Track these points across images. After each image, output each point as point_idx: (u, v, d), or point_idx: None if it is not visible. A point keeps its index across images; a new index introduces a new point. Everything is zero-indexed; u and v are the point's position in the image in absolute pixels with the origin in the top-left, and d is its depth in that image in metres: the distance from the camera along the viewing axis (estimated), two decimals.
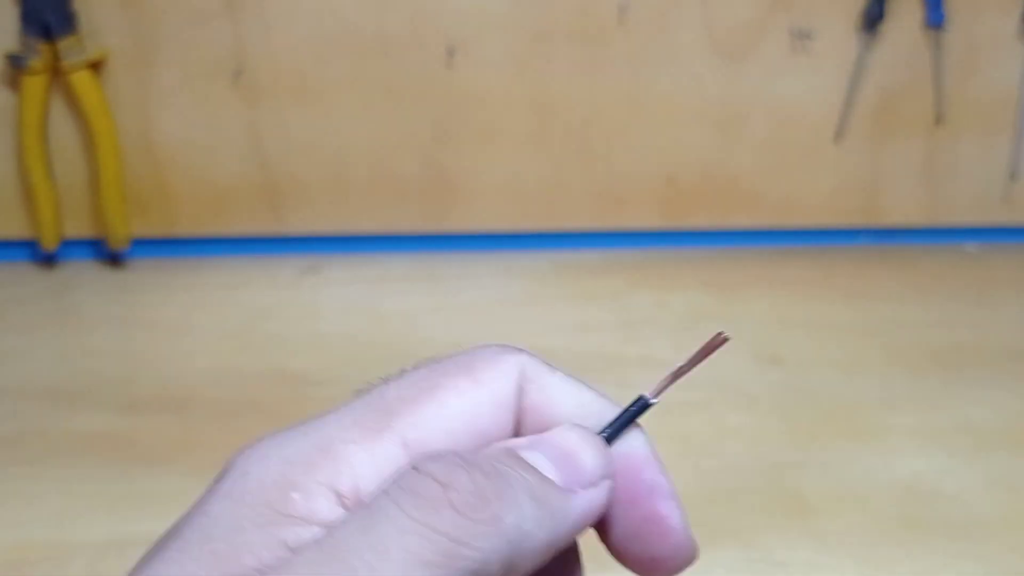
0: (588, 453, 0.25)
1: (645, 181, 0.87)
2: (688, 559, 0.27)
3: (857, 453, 0.64)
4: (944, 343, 0.76)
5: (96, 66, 0.79)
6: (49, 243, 0.82)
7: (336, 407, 0.25)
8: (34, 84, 0.78)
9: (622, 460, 0.27)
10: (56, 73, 0.79)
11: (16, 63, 0.78)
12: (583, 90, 0.84)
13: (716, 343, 0.27)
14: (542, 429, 0.26)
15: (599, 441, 0.26)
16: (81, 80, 0.78)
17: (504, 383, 0.26)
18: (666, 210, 0.88)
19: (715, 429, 0.66)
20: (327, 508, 0.23)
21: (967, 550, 0.56)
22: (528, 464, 0.24)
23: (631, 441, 0.27)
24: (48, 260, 0.85)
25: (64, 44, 0.77)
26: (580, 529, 0.25)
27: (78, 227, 0.84)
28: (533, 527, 0.23)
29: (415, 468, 0.23)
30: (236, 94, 0.82)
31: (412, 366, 0.27)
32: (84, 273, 0.85)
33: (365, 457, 0.24)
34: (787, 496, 0.60)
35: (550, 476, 0.25)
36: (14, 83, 0.80)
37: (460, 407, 0.26)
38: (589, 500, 0.25)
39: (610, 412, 0.27)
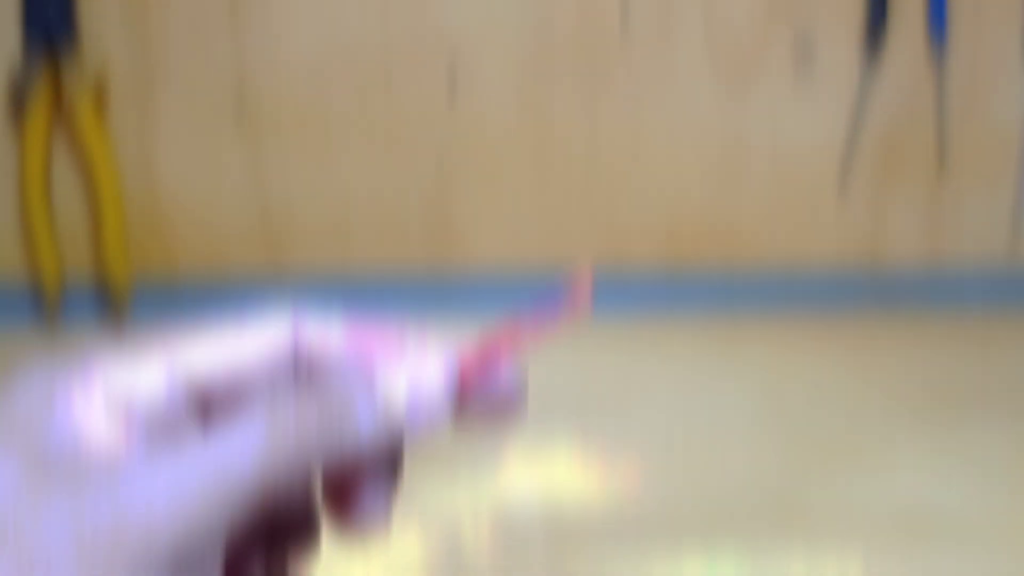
0: (435, 379, 0.27)
1: (646, 227, 0.87)
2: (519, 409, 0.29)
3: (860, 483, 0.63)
4: (946, 400, 0.76)
5: (99, 102, 0.79)
6: (51, 287, 0.82)
7: None
8: (37, 124, 0.79)
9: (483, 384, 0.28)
10: (59, 107, 0.79)
11: (19, 96, 0.78)
12: (585, 130, 0.84)
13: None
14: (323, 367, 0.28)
15: (448, 369, 0.28)
16: (83, 114, 0.78)
17: (276, 333, 0.28)
18: (667, 256, 0.87)
19: (720, 466, 0.66)
20: (96, 421, 0.25)
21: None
22: (374, 384, 0.26)
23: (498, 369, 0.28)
24: (50, 318, 0.84)
25: (67, 75, 0.78)
26: (422, 444, 0.27)
27: (79, 268, 0.84)
28: (371, 440, 0.25)
29: (264, 391, 0.26)
30: (238, 132, 0.82)
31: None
32: (87, 333, 0.84)
33: (127, 377, 0.26)
34: (791, 520, 0.60)
35: (397, 398, 0.26)
36: (16, 123, 0.80)
37: (229, 350, 0.28)
38: (430, 421, 0.27)
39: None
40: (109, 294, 0.85)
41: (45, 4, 0.77)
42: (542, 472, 0.69)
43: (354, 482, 0.28)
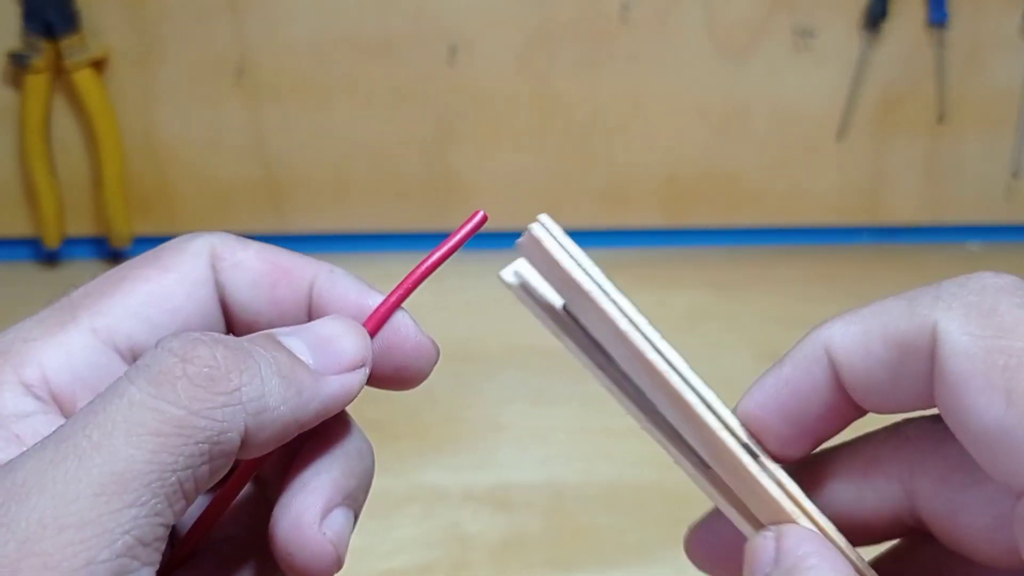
0: (348, 340, 0.26)
1: (647, 179, 0.87)
2: (431, 357, 0.28)
3: None
4: None
5: (98, 65, 0.79)
6: (51, 241, 0.83)
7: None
8: (36, 83, 0.78)
9: (388, 338, 0.27)
10: (58, 72, 0.79)
11: (18, 62, 0.78)
12: (585, 88, 0.84)
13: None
14: (241, 301, 0.27)
15: (360, 330, 0.27)
16: (83, 79, 0.78)
17: (193, 262, 0.27)
18: (668, 208, 0.88)
19: None
20: (12, 400, 0.24)
21: None
22: (281, 346, 0.25)
23: (396, 319, 0.28)
24: (50, 259, 0.85)
25: (66, 43, 0.77)
26: (333, 408, 0.25)
27: (80, 225, 0.84)
28: (277, 402, 0.23)
29: (156, 346, 0.23)
30: (238, 93, 0.82)
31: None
32: (86, 272, 0.84)
33: (48, 349, 0.25)
34: None
35: (305, 360, 0.25)
36: (16, 82, 0.80)
37: (147, 291, 0.26)
38: (342, 383, 0.25)
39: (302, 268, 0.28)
40: (111, 252, 0.85)
41: None
42: (543, 442, 0.69)
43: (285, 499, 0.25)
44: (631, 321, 0.26)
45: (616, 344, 0.26)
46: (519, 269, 0.27)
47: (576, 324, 0.28)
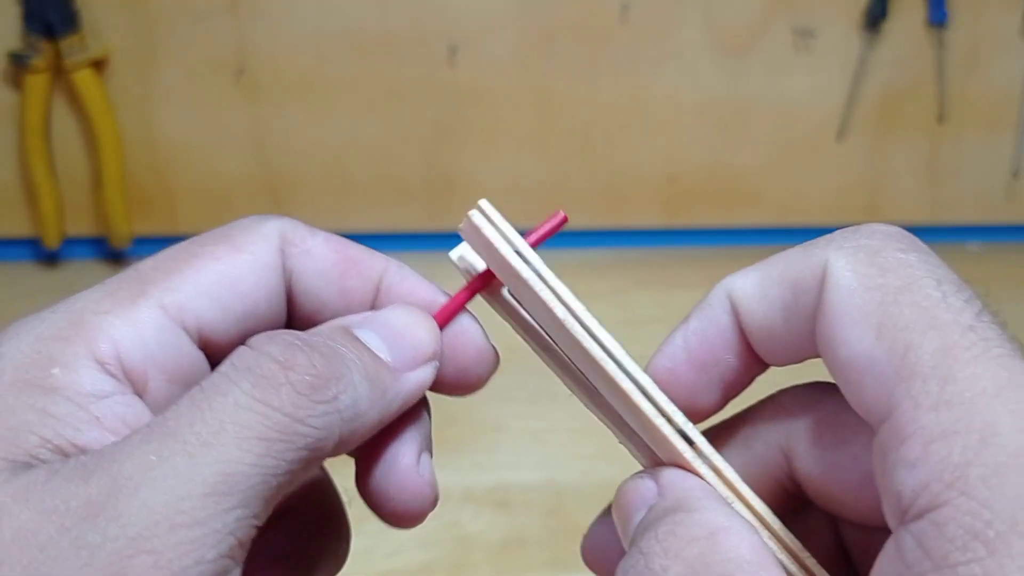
0: (420, 333, 0.26)
1: (647, 179, 0.87)
2: (492, 365, 0.28)
3: None
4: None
5: (98, 65, 0.79)
6: (51, 241, 0.83)
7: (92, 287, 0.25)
8: (36, 83, 0.78)
9: (453, 338, 0.28)
10: (58, 72, 0.79)
11: (18, 62, 0.78)
12: (585, 88, 0.84)
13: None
14: (309, 289, 0.27)
15: (431, 322, 0.27)
16: (83, 79, 0.78)
17: (264, 246, 0.27)
18: (668, 208, 0.88)
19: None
20: (90, 378, 0.23)
21: None
22: (363, 344, 0.25)
23: (462, 322, 0.28)
24: (50, 259, 0.85)
25: (66, 43, 0.77)
26: (410, 404, 0.26)
27: (80, 225, 0.84)
28: (367, 407, 0.24)
29: (250, 347, 0.23)
30: (238, 93, 0.82)
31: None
32: (86, 271, 0.85)
33: (120, 324, 0.24)
34: None
35: (383, 356, 0.25)
36: (16, 82, 0.80)
37: (219, 271, 0.26)
38: (418, 379, 0.26)
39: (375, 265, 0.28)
40: (111, 252, 0.85)
41: None
42: (543, 443, 0.69)
43: (374, 452, 0.26)
44: (567, 307, 0.26)
45: (552, 329, 0.27)
46: (464, 253, 0.28)
47: (521, 308, 0.28)
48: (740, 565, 0.22)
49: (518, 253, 0.27)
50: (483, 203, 0.27)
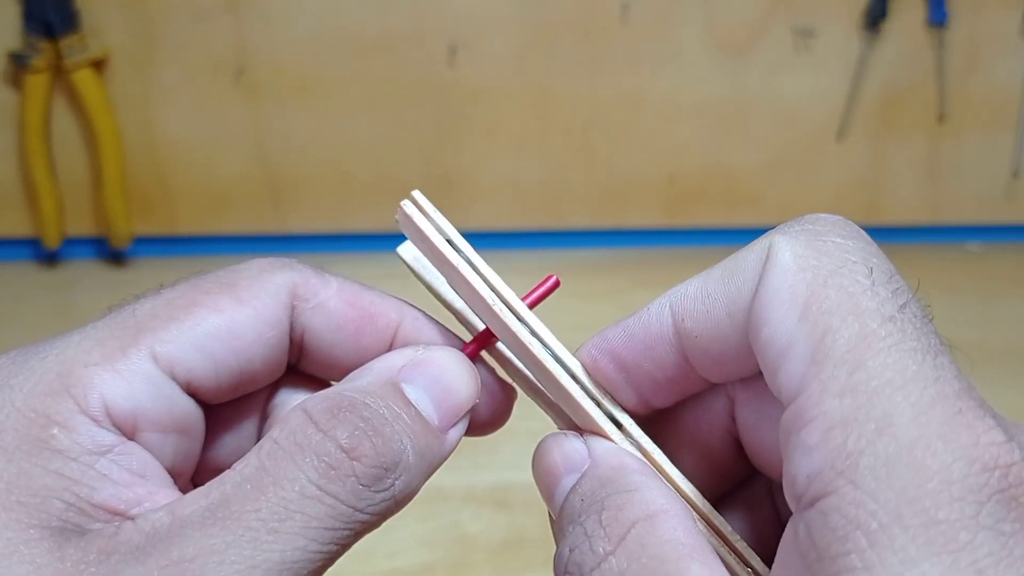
0: (463, 388, 0.27)
1: (647, 180, 0.87)
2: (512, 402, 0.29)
3: None
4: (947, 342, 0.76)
5: (98, 65, 0.79)
6: (51, 241, 0.83)
7: (83, 326, 0.25)
8: (36, 83, 0.78)
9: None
10: (58, 72, 0.79)
11: (18, 62, 0.78)
12: (585, 88, 0.84)
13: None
14: (322, 346, 0.27)
15: (473, 371, 0.27)
16: (83, 79, 0.78)
17: (269, 301, 0.26)
18: (668, 208, 0.88)
19: None
20: (88, 435, 0.23)
21: None
22: (414, 410, 0.25)
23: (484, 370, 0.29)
24: (50, 258, 0.85)
25: (66, 43, 0.77)
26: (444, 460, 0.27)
27: (80, 225, 0.84)
28: (417, 483, 0.25)
29: (314, 422, 0.24)
30: (238, 93, 0.82)
31: (173, 282, 0.26)
32: (86, 271, 0.85)
33: (109, 377, 0.24)
34: None
35: (431, 419, 0.26)
36: (17, 82, 0.80)
37: (217, 324, 0.25)
38: (457, 436, 0.27)
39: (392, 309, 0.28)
40: (111, 252, 0.85)
41: None
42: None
43: None
44: (495, 292, 0.27)
45: (484, 315, 0.27)
46: (416, 253, 0.29)
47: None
48: (676, 547, 0.22)
49: (449, 241, 0.27)
50: (415, 194, 0.28)
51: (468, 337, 0.29)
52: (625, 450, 0.26)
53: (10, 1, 0.77)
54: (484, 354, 0.29)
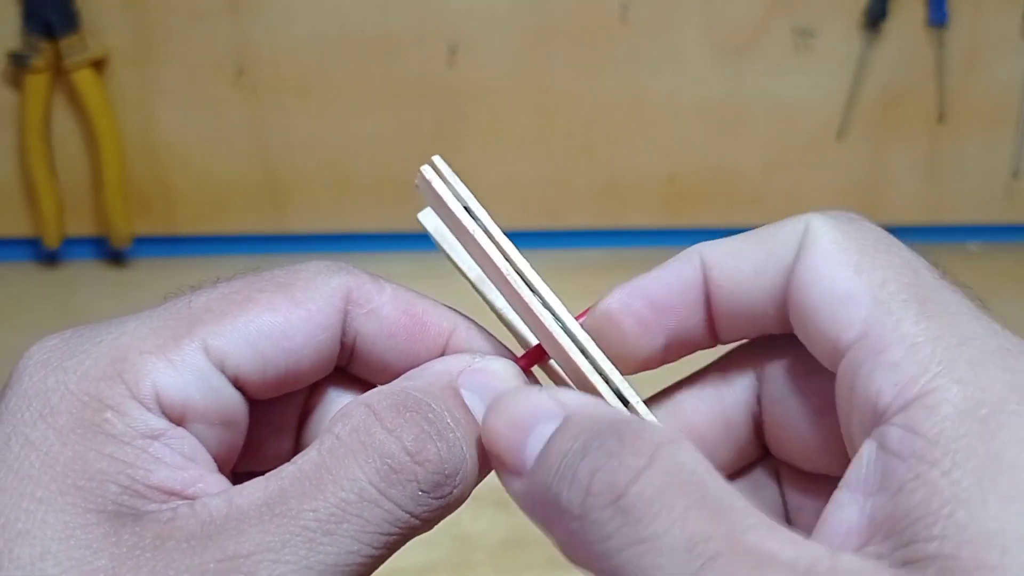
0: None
1: (647, 180, 0.87)
2: None
3: None
4: None
5: (98, 65, 0.79)
6: (51, 241, 0.83)
7: (140, 312, 0.25)
8: (36, 83, 0.78)
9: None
10: (58, 72, 0.79)
11: (18, 62, 0.78)
12: (585, 88, 0.84)
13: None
14: (373, 351, 0.27)
15: (524, 381, 0.27)
16: (83, 79, 0.78)
17: (323, 305, 0.26)
18: (668, 208, 0.88)
19: None
20: (142, 419, 0.23)
21: None
22: (472, 416, 0.26)
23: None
24: (51, 259, 0.85)
25: (66, 43, 0.77)
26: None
27: (80, 225, 0.84)
28: (469, 492, 0.26)
29: (379, 419, 0.23)
30: (238, 93, 0.82)
31: (229, 277, 0.27)
32: (86, 272, 0.85)
33: (162, 365, 0.24)
34: None
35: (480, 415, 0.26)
36: (17, 82, 0.80)
37: (271, 324, 0.25)
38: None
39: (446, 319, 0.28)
40: (111, 252, 0.85)
41: None
42: None
43: None
44: (509, 261, 0.27)
45: (495, 281, 0.27)
46: (437, 224, 0.29)
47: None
48: (711, 469, 0.22)
49: (466, 208, 0.27)
50: (436, 159, 0.28)
51: (519, 351, 0.29)
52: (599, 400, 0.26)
53: (10, 1, 0.78)
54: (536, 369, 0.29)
